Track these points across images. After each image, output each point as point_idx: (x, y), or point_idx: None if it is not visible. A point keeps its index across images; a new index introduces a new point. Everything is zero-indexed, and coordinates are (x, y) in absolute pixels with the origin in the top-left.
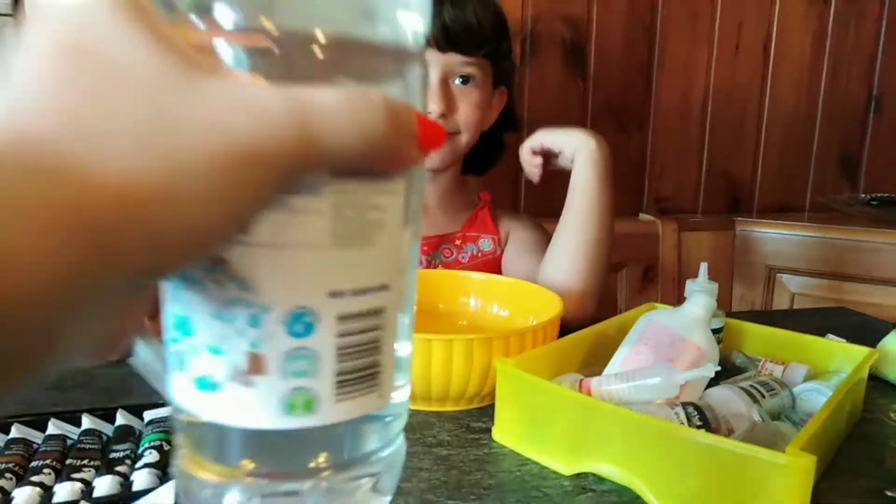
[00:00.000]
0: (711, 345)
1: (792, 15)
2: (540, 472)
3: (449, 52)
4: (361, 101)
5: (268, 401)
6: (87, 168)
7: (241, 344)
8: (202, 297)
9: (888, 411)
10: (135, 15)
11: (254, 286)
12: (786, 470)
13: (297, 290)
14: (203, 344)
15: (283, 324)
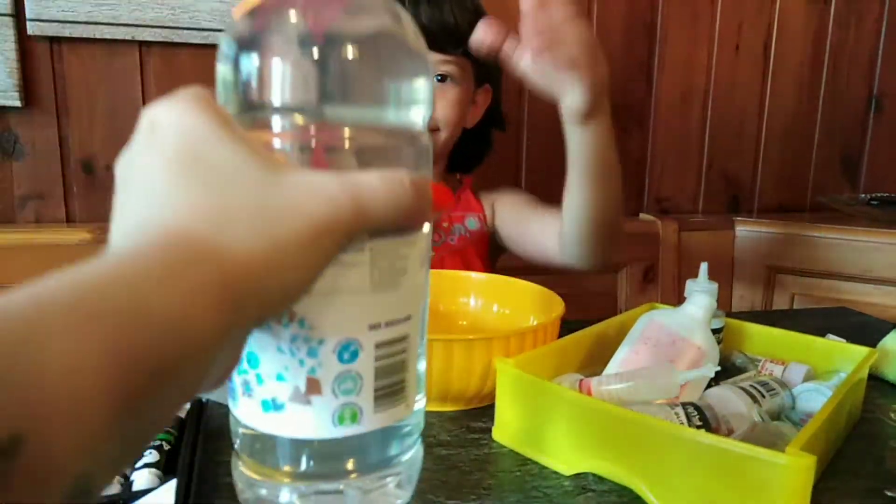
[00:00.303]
0: (711, 345)
1: (792, 15)
2: (540, 472)
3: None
4: (394, 181)
5: (322, 416)
6: (225, 252)
7: (302, 371)
8: (269, 336)
9: (888, 411)
10: (228, 130)
11: (312, 324)
12: (786, 470)
13: (345, 326)
14: (268, 373)
15: (334, 353)
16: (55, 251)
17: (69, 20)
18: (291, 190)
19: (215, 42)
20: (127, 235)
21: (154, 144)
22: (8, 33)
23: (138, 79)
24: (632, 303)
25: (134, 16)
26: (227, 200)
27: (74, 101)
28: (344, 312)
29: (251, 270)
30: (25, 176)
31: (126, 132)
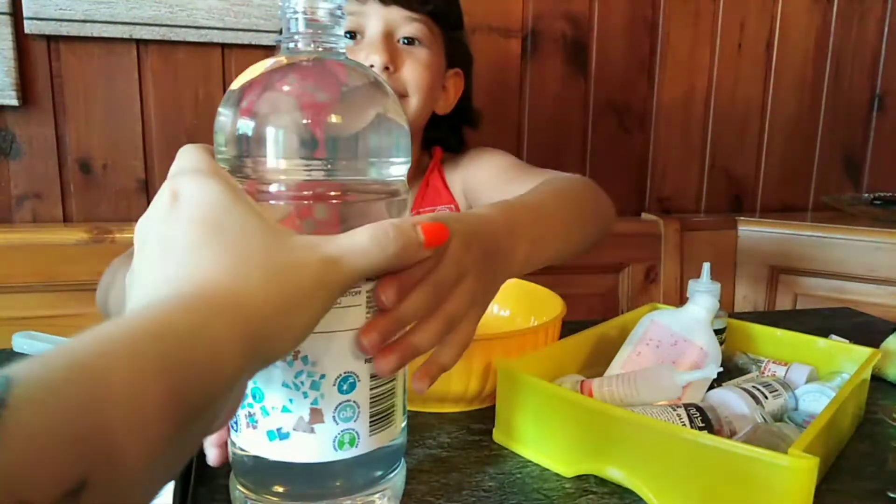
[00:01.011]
0: (714, 345)
1: (794, 13)
2: (541, 473)
3: (392, 5)
4: (379, 233)
5: (324, 442)
6: (243, 298)
7: (306, 403)
8: (274, 373)
9: (891, 412)
10: (242, 200)
11: (315, 361)
12: (788, 471)
13: (344, 361)
14: (274, 405)
15: (335, 385)
16: (52, 250)
17: (66, 18)
18: (295, 250)
19: (213, 40)
20: (157, 289)
21: (178, 212)
22: (5, 31)
23: (136, 77)
24: (633, 303)
25: (131, 14)
26: (242, 257)
27: (72, 100)
28: (343, 349)
29: (265, 315)
30: (22, 175)
31: (124, 131)
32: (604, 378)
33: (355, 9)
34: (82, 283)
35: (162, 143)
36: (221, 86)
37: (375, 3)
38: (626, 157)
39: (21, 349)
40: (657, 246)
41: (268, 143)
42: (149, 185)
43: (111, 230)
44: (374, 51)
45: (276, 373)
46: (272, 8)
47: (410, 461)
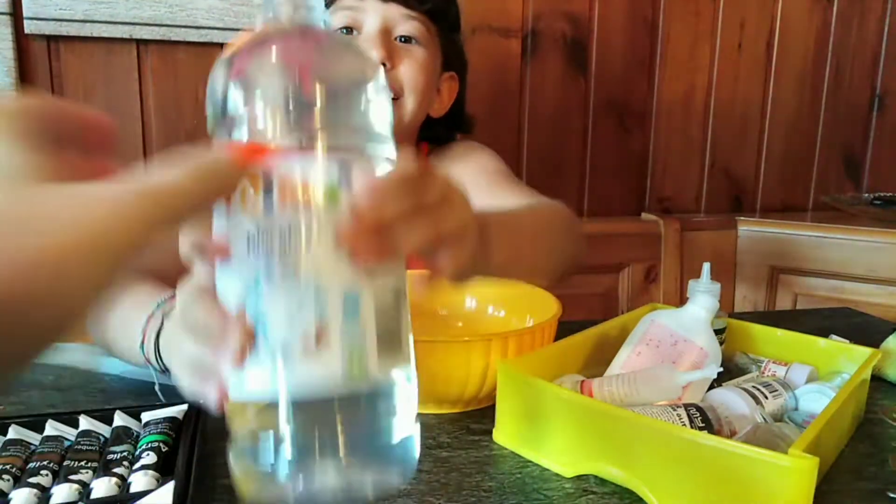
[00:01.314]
0: (714, 346)
1: (794, 13)
2: (541, 473)
3: (390, 1)
4: (197, 158)
5: (333, 368)
6: None
7: (311, 326)
8: (278, 297)
9: (891, 412)
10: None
11: (319, 282)
12: (788, 472)
13: (348, 278)
14: (277, 334)
15: (340, 306)
16: None
17: (66, 18)
18: (57, 201)
19: (212, 40)
20: None
21: None
22: (5, 32)
23: (136, 77)
24: (633, 303)
25: (131, 14)
26: None
27: (72, 100)
28: (347, 267)
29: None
30: None
31: (124, 131)
32: (604, 378)
33: (353, 3)
34: None
35: (162, 143)
36: None
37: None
38: (626, 156)
39: None
40: (657, 246)
41: (258, 104)
42: None
43: None
44: (372, 46)
45: (280, 297)
46: None
47: None
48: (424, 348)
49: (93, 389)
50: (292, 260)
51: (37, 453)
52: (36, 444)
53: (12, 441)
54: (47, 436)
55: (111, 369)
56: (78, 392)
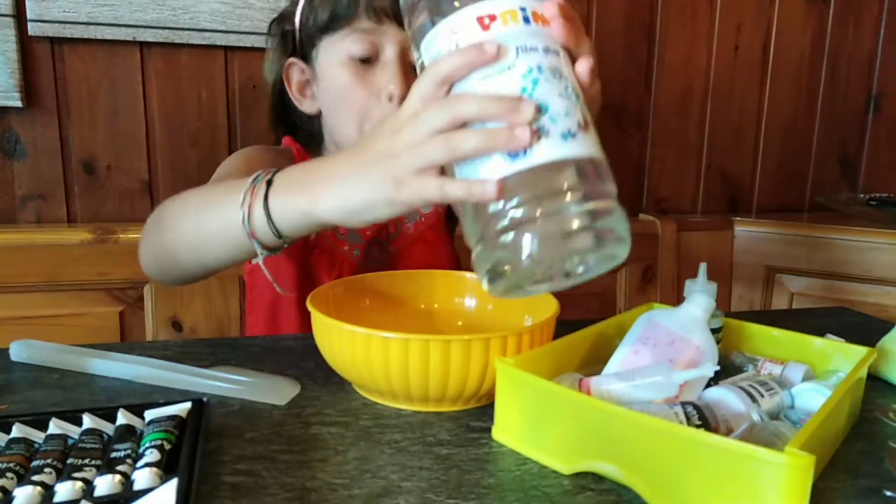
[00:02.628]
0: (711, 344)
1: (791, 15)
2: (539, 471)
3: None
4: None
5: (594, 140)
6: None
7: (577, 109)
8: (553, 84)
9: (887, 411)
10: None
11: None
12: (784, 470)
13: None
14: (558, 113)
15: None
16: (56, 251)
17: (70, 21)
18: None
19: (215, 43)
20: None
21: None
22: (9, 34)
23: (139, 79)
24: (631, 302)
25: (135, 16)
26: None
27: (75, 102)
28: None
29: None
30: (26, 176)
31: (127, 132)
32: (602, 376)
33: (370, 27)
34: (86, 283)
35: (165, 145)
36: (224, 88)
37: (393, 24)
38: (624, 157)
39: (19, 358)
40: (654, 246)
41: None
42: (152, 186)
43: (115, 230)
44: (393, 79)
45: (554, 84)
46: (274, 11)
47: (410, 458)
48: (424, 347)
49: (96, 388)
50: (555, 62)
51: (40, 451)
52: (39, 443)
53: (16, 439)
54: (51, 434)
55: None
56: (81, 390)
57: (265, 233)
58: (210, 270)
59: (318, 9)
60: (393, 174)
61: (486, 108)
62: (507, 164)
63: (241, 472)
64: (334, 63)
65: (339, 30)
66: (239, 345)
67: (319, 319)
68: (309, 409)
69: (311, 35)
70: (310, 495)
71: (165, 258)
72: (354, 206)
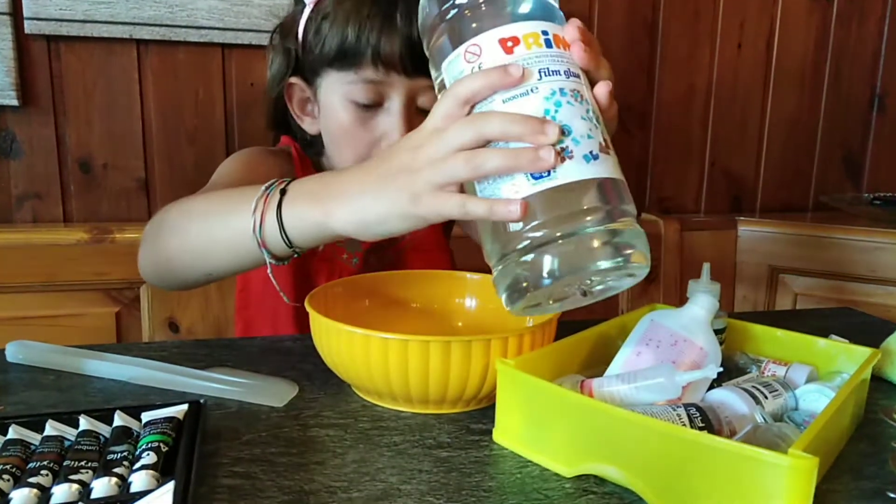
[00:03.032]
0: (714, 345)
1: (794, 13)
2: (541, 473)
3: (416, 76)
4: None
5: (614, 163)
6: None
7: (598, 132)
8: (574, 109)
9: (891, 412)
10: None
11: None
12: (788, 471)
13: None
14: (581, 134)
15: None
16: (52, 251)
17: (67, 19)
18: None
19: (213, 40)
20: None
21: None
22: (5, 32)
23: (136, 77)
24: (633, 303)
25: (131, 14)
26: None
27: (72, 100)
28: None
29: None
30: (23, 175)
31: (124, 131)
32: (604, 378)
33: (377, 77)
34: (82, 283)
35: (162, 144)
36: (222, 86)
37: (400, 76)
38: (626, 156)
39: (15, 359)
40: (657, 246)
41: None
42: (149, 184)
43: (111, 230)
44: (396, 127)
45: (576, 109)
46: (272, 8)
47: (409, 461)
48: (423, 348)
49: (92, 389)
50: (576, 86)
51: (37, 453)
52: (36, 444)
53: (12, 441)
54: (47, 436)
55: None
56: (78, 392)
57: (276, 242)
58: (212, 278)
59: (326, 39)
60: (412, 189)
61: (512, 127)
62: (531, 184)
63: (238, 474)
64: (337, 101)
65: (345, 71)
66: (236, 346)
67: (318, 320)
68: (307, 411)
69: (314, 64)
70: (308, 498)
71: (166, 264)
72: (369, 220)
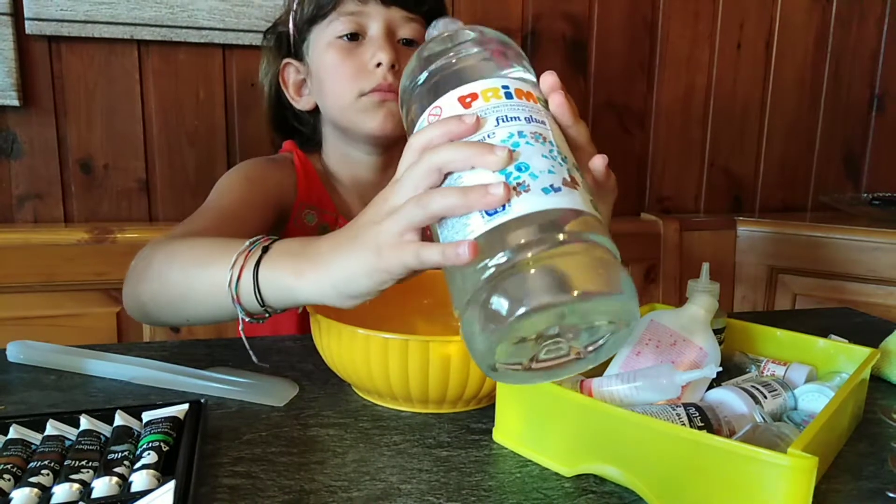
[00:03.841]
0: (713, 345)
1: (794, 13)
2: (540, 473)
3: (392, 6)
4: None
5: (583, 196)
6: None
7: (564, 169)
8: (536, 149)
9: (890, 412)
10: None
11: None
12: (787, 471)
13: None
14: (541, 170)
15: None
16: (53, 251)
17: (68, 19)
18: None
19: (213, 41)
20: None
21: None
22: (6, 32)
23: (137, 78)
24: None
25: (132, 15)
26: None
27: (73, 101)
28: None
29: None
30: (23, 175)
31: (125, 131)
32: (603, 378)
33: (356, 9)
34: (83, 283)
35: (163, 144)
36: (222, 86)
37: (376, 3)
38: (626, 156)
39: (16, 359)
40: (657, 246)
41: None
42: (149, 185)
43: (112, 230)
44: (381, 49)
45: (537, 148)
46: (273, 9)
47: (409, 461)
48: (423, 348)
49: (93, 389)
50: (538, 129)
51: (37, 453)
52: (37, 444)
53: (13, 441)
54: (48, 435)
55: (118, 375)
56: (78, 391)
57: (250, 299)
58: (191, 324)
59: (305, 3)
60: (376, 241)
61: (458, 152)
62: (485, 221)
63: (238, 474)
64: (323, 48)
65: (326, 17)
66: (237, 346)
67: (318, 320)
68: (307, 410)
69: (301, 30)
70: (308, 498)
71: (147, 305)
72: (337, 278)
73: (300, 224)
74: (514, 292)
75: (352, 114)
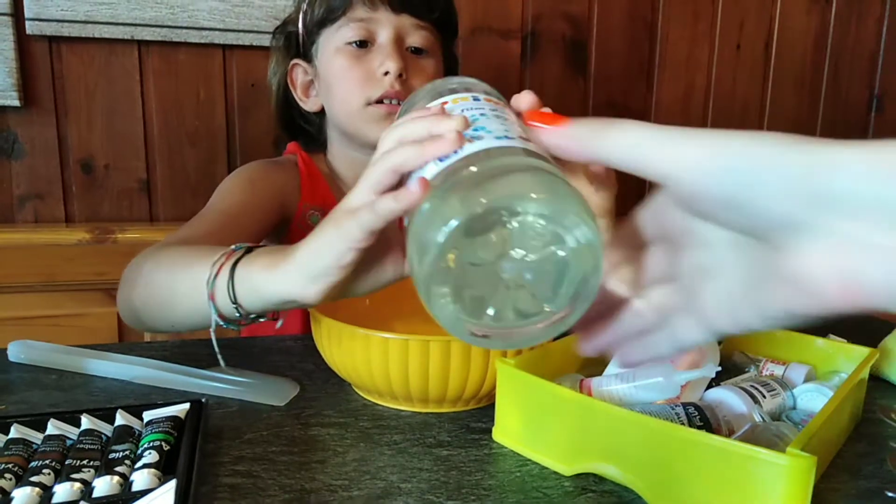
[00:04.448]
0: (712, 345)
1: (793, 14)
2: (540, 472)
3: (402, 13)
4: None
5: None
6: None
7: (521, 137)
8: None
9: (889, 412)
10: None
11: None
12: (786, 470)
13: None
14: (500, 130)
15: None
16: (54, 251)
17: (68, 19)
18: None
19: (214, 41)
20: None
21: None
22: (7, 33)
23: (137, 78)
24: None
25: (133, 15)
26: None
27: (73, 101)
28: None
29: None
30: (24, 175)
31: (125, 132)
32: (603, 377)
33: (366, 15)
34: (84, 283)
35: (163, 144)
36: (223, 87)
37: (386, 10)
38: None
39: (17, 358)
40: None
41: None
42: (150, 185)
43: (113, 230)
44: (389, 57)
45: (496, 120)
46: (273, 9)
47: (409, 460)
48: (424, 348)
49: (94, 388)
50: (500, 113)
51: (39, 452)
52: (38, 443)
53: (14, 440)
54: (49, 435)
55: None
56: (80, 391)
57: (223, 296)
58: (175, 330)
59: (315, 4)
60: (341, 218)
61: (416, 123)
62: (437, 167)
63: (239, 473)
64: (332, 52)
65: (336, 21)
66: (237, 345)
67: (319, 320)
68: (308, 409)
69: (310, 32)
70: (309, 497)
71: (137, 311)
72: (301, 262)
73: (304, 225)
74: (454, 204)
75: (358, 121)
